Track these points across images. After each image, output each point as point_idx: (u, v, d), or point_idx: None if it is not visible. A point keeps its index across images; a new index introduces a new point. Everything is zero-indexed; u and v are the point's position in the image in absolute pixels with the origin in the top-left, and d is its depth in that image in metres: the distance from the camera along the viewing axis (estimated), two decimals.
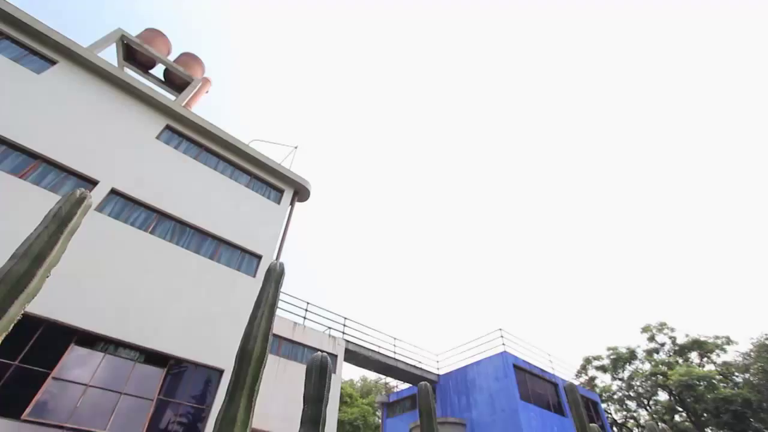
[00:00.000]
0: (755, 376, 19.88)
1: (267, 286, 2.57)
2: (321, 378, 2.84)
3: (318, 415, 2.63)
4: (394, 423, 18.80)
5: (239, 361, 2.13)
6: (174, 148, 11.83)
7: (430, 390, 3.79)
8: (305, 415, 2.64)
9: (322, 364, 2.92)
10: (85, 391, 7.81)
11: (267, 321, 2.34)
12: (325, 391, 2.80)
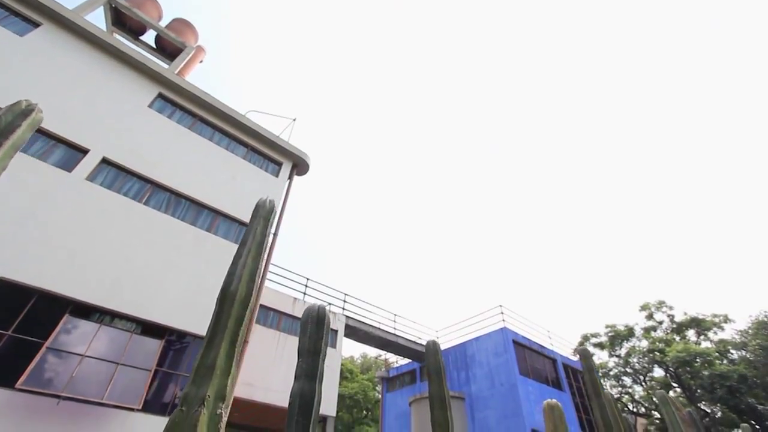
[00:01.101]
0: (752, 353, 19.98)
1: (254, 222, 2.27)
2: (318, 329, 2.59)
3: (314, 369, 2.38)
4: (394, 397, 18.98)
5: (220, 302, 1.86)
6: (167, 117, 11.37)
7: (439, 348, 3.54)
8: (300, 369, 2.39)
9: (319, 314, 2.66)
10: (81, 361, 7.65)
11: (254, 260, 2.05)
12: (322, 343, 2.54)
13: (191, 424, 1.37)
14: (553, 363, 17.85)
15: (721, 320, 22.71)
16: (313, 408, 2.18)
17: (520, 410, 14.15)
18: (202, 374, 1.55)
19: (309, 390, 2.27)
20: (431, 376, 3.30)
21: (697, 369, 20.82)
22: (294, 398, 2.23)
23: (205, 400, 1.44)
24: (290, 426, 2.08)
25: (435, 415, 2.99)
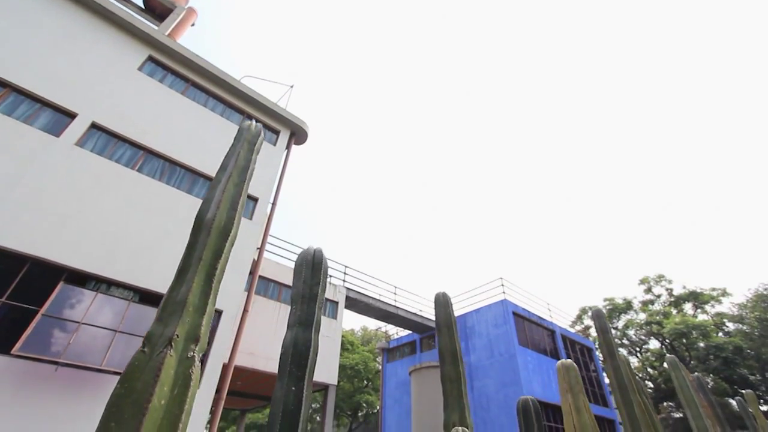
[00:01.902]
0: (749, 325, 20.11)
1: (237, 146, 1.96)
2: (314, 274, 2.32)
3: (310, 317, 2.12)
4: (394, 367, 19.20)
5: (194, 232, 1.57)
6: (159, 81, 10.83)
7: (449, 300, 3.30)
8: (293, 317, 2.13)
9: (315, 257, 2.38)
10: (78, 328, 7.50)
11: (236, 187, 1.76)
12: (319, 289, 2.28)
13: (154, 368, 1.11)
14: (551, 334, 17.94)
15: (719, 294, 22.76)
16: (309, 358, 1.94)
17: (519, 379, 14.27)
18: (170, 311, 1.28)
19: (304, 339, 2.02)
20: (441, 329, 3.07)
21: (693, 341, 21.01)
22: (287, 348, 1.98)
23: (172, 340, 1.18)
24: (282, 378, 1.84)
25: (446, 369, 2.79)
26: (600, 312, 4.04)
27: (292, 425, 1.62)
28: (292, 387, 1.78)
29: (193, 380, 1.19)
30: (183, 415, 1.12)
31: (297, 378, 1.82)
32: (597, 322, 4.00)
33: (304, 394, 1.76)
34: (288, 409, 1.68)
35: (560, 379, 3.52)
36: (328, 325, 13.89)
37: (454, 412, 2.55)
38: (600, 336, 3.87)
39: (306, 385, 1.82)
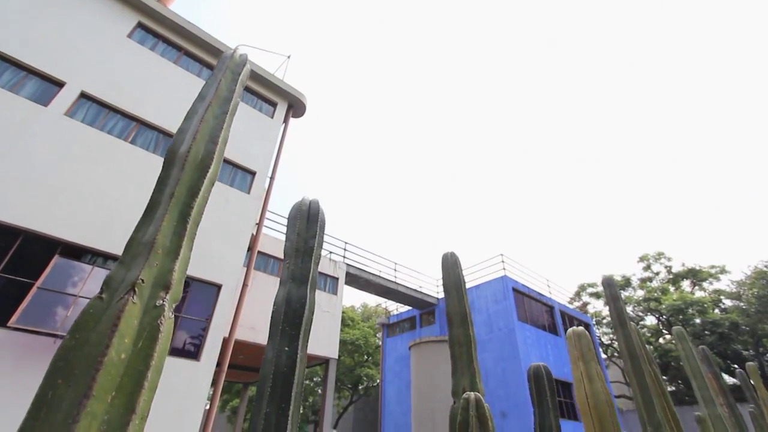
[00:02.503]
0: (746, 302, 20.21)
1: (218, 74, 1.71)
2: (309, 226, 2.11)
3: (305, 272, 1.93)
4: (394, 342, 19.40)
5: (165, 165, 1.36)
6: (150, 49, 10.36)
7: (458, 260, 3.11)
8: (286, 272, 1.93)
9: (311, 208, 2.17)
10: (75, 301, 7.41)
11: (217, 119, 1.53)
12: (315, 243, 2.08)
13: (112, 316, 0.91)
14: (550, 310, 18.03)
15: (718, 271, 22.79)
16: (304, 316, 1.75)
17: (517, 353, 14.39)
18: (135, 253, 1.07)
19: (298, 296, 1.83)
20: (449, 291, 2.89)
21: (690, 317, 21.17)
22: (279, 306, 1.79)
23: (136, 285, 0.98)
24: (273, 338, 1.66)
25: (454, 333, 2.63)
26: (611, 280, 3.88)
27: (285, 389, 1.46)
28: (284, 347, 1.60)
29: (162, 333, 1.00)
30: (150, 371, 0.93)
31: (290, 337, 1.64)
32: (608, 290, 3.84)
33: (298, 355, 1.58)
34: (280, 371, 1.50)
35: (571, 347, 3.39)
36: (328, 301, 13.88)
37: (464, 378, 2.40)
38: (611, 304, 3.72)
39: (300, 345, 1.64)
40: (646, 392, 3.15)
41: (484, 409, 1.82)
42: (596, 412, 2.95)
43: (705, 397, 4.33)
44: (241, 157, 10.70)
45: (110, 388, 0.83)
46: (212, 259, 9.12)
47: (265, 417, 1.36)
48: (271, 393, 1.44)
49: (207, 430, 7.86)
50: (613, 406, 2.99)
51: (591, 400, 3.03)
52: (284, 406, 1.39)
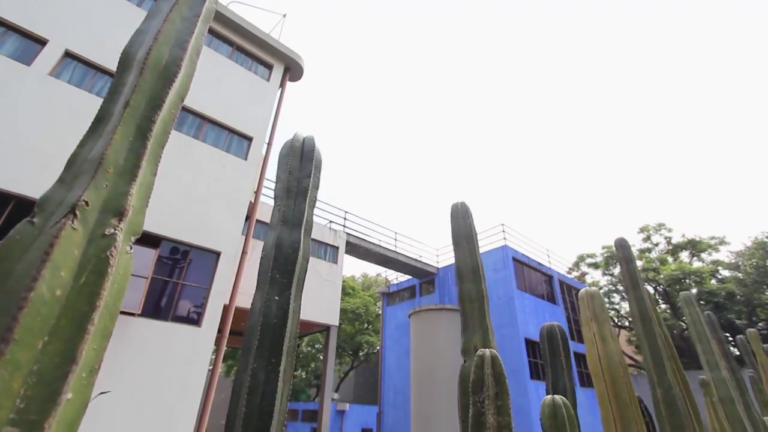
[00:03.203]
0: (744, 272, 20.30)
1: None
2: (303, 165, 1.89)
3: (298, 215, 1.72)
4: (394, 310, 19.65)
5: (118, 71, 1.10)
6: (137, 6, 9.75)
7: (468, 210, 2.91)
8: (277, 214, 1.72)
9: (305, 145, 1.94)
10: None
11: (186, 22, 1.26)
12: (310, 183, 1.86)
13: (44, 243, 0.71)
14: (549, 279, 18.11)
15: (718, 242, 22.76)
16: (297, 263, 1.55)
17: (516, 321, 14.55)
18: (78, 171, 0.85)
19: (290, 240, 1.62)
20: (459, 242, 2.69)
21: (687, 287, 21.33)
22: (267, 252, 1.59)
23: (77, 208, 0.77)
24: (262, 286, 1.47)
25: (465, 288, 2.47)
26: (624, 241, 3.71)
27: (275, 342, 1.28)
28: (274, 296, 1.41)
29: (113, 268, 0.80)
30: (96, 314, 0.74)
31: (281, 286, 1.45)
32: (621, 251, 3.68)
33: (290, 305, 1.39)
34: (269, 323, 1.32)
35: (583, 308, 3.26)
36: (329, 269, 13.86)
37: (476, 335, 2.26)
38: (623, 266, 3.57)
39: (293, 294, 1.45)
40: (658, 354, 3.04)
41: (500, 366, 1.68)
42: (609, 373, 2.86)
43: (710, 361, 4.28)
44: (237, 122, 10.31)
45: (40, 332, 0.64)
46: (210, 227, 8.96)
47: (252, 373, 1.19)
48: (259, 347, 1.25)
49: (210, 393, 7.97)
50: (626, 367, 2.90)
51: (604, 361, 2.92)
52: (274, 362, 1.21)
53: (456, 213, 2.77)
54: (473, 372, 1.66)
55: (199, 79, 10.07)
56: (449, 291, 17.39)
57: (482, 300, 2.43)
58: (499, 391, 1.60)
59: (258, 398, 1.15)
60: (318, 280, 13.39)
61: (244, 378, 1.18)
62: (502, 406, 1.58)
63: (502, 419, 1.53)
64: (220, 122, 10.06)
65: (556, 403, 1.95)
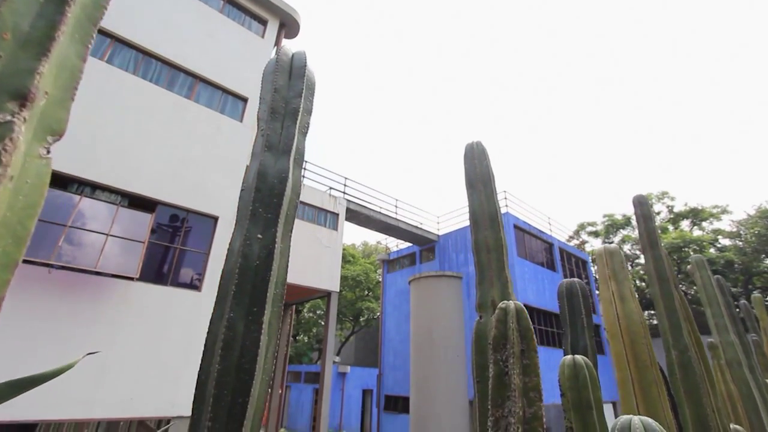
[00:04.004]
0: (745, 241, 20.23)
1: None
2: (293, 83, 1.60)
3: (288, 141, 1.43)
4: (394, 277, 19.77)
5: None
6: None
7: (484, 150, 2.64)
8: (259, 141, 1.43)
9: (294, 60, 1.63)
10: (64, 231, 7.11)
11: None
12: (300, 104, 1.57)
13: None
14: (549, 247, 18.07)
15: (720, 211, 22.56)
16: (285, 195, 1.29)
17: (515, 288, 14.60)
18: None
19: (276, 170, 1.35)
20: (475, 185, 2.42)
21: (685, 255, 21.35)
22: (248, 183, 1.33)
23: None
24: (241, 222, 1.23)
25: (481, 236, 2.22)
26: (643, 198, 3.47)
27: (257, 288, 1.05)
28: (257, 234, 1.18)
29: (8, 169, 0.56)
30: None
31: (266, 222, 1.21)
32: (639, 208, 3.45)
33: (277, 245, 1.15)
34: (250, 265, 1.07)
35: (601, 265, 3.07)
36: (329, 236, 13.74)
37: (494, 288, 2.06)
38: (641, 224, 3.35)
39: (281, 233, 1.21)
40: (675, 315, 2.89)
41: (527, 321, 1.48)
42: (628, 334, 2.70)
43: (719, 324, 4.18)
44: (231, 82, 9.80)
45: None
46: (207, 191, 8.71)
47: (229, 324, 0.98)
48: (237, 293, 1.05)
49: None
50: (647, 328, 2.75)
51: (623, 321, 2.77)
52: (256, 311, 1.02)
53: (471, 153, 2.48)
54: (494, 327, 1.46)
55: (190, 34, 9.49)
56: (449, 258, 17.39)
57: (501, 249, 2.20)
58: (525, 348, 1.41)
59: (235, 354, 0.94)
60: (318, 246, 13.30)
61: (218, 330, 0.97)
62: (529, 366, 1.39)
63: (529, 380, 1.35)
64: (213, 81, 9.56)
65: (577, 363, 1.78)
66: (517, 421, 1.20)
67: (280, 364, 15.05)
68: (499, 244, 2.18)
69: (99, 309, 7.17)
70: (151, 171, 8.22)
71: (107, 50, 8.32)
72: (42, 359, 6.24)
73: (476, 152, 2.48)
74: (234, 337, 0.95)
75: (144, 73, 8.74)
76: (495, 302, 1.97)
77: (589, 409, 1.63)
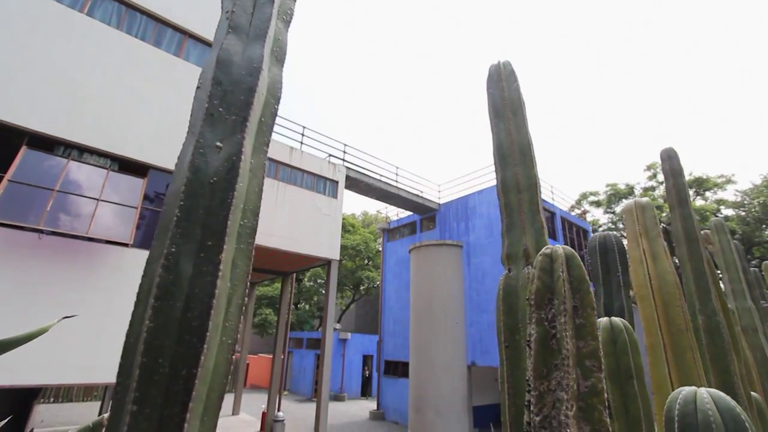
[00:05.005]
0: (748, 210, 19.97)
1: None
2: None
3: (262, 24, 1.05)
4: (394, 246, 19.67)
5: None
6: None
7: (512, 70, 2.26)
8: (225, 23, 1.06)
9: None
10: (52, 195, 6.81)
11: None
12: None
13: None
14: (551, 216, 17.83)
15: (724, 181, 22.17)
16: (256, 93, 0.88)
17: None
18: None
19: (245, 58, 0.87)
20: (502, 112, 1.99)
21: None
22: (206, 75, 0.97)
23: None
24: (194, 128, 0.86)
25: (509, 174, 1.82)
26: (672, 151, 3.15)
27: (212, 212, 0.69)
28: (215, 142, 0.86)
29: None
30: None
31: (228, 126, 0.84)
32: (668, 162, 3.14)
33: (244, 158, 0.82)
34: (203, 181, 0.78)
35: (630, 221, 2.78)
36: (328, 204, 13.47)
37: (526, 234, 1.76)
38: (670, 180, 3.05)
39: (251, 144, 0.83)
40: (703, 278, 2.65)
41: (581, 269, 1.18)
42: (661, 295, 2.46)
43: (736, 289, 3.98)
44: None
45: None
46: None
47: (168, 263, 0.68)
48: (183, 221, 0.73)
49: None
50: (681, 288, 2.51)
51: (655, 281, 2.52)
52: (211, 247, 0.71)
53: (497, 75, 2.06)
54: (537, 278, 1.18)
55: None
56: (450, 227, 17.19)
57: (534, 189, 1.87)
58: (579, 303, 1.13)
59: (178, 306, 0.64)
60: (318, 214, 13.05)
61: (154, 270, 0.69)
62: (584, 326, 1.10)
63: (584, 344, 1.07)
64: (203, 38, 8.95)
65: (615, 326, 1.54)
66: (571, 397, 0.95)
67: (282, 331, 15.21)
68: (533, 182, 1.85)
69: (94, 275, 7.00)
70: (141, 134, 7.82)
71: (86, 2, 7.70)
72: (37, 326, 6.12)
73: (504, 73, 2.07)
74: (175, 281, 0.66)
75: (128, 28, 8.14)
76: (528, 251, 1.68)
77: (629, 378, 1.41)
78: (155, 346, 0.54)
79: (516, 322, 1.56)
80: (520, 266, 1.72)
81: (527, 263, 1.68)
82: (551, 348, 1.06)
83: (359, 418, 17.31)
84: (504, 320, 1.58)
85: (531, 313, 1.12)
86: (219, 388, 0.58)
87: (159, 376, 0.52)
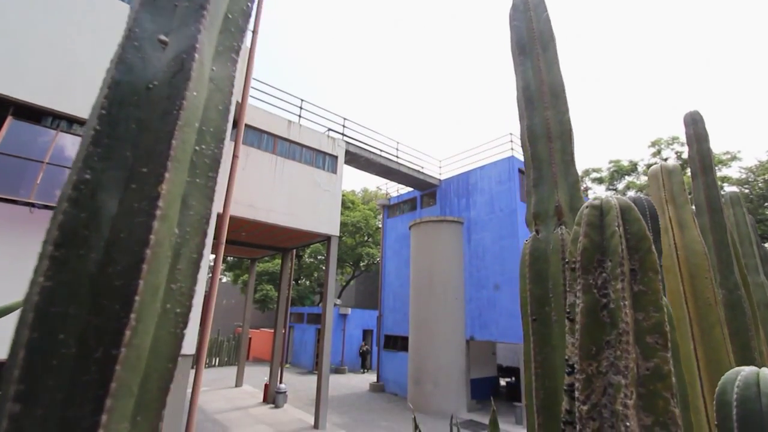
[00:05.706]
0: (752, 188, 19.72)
1: None
2: None
3: None
4: (395, 222, 19.54)
5: None
6: None
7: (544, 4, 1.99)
8: None
9: None
10: (43, 168, 6.59)
11: None
12: None
13: None
14: None
15: (729, 158, 21.81)
16: None
17: (516, 232, 14.36)
18: None
19: None
20: (530, 49, 1.63)
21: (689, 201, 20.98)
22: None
23: None
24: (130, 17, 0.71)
25: (539, 119, 1.50)
26: (697, 115, 2.92)
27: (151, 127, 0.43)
28: (157, 35, 0.63)
29: None
30: None
31: (178, 15, 0.57)
32: (692, 127, 2.91)
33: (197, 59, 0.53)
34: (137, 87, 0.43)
35: (656, 187, 2.59)
36: (328, 179, 13.24)
37: (559, 189, 1.55)
38: (694, 146, 2.84)
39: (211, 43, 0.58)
40: (726, 250, 2.50)
41: (640, 224, 0.98)
42: (687, 266, 2.31)
43: (749, 264, 3.84)
44: None
45: None
46: None
47: (79, 192, 0.46)
48: (103, 135, 0.52)
49: (210, 298, 7.87)
50: (710, 260, 2.36)
51: (681, 252, 2.36)
52: (147, 174, 0.48)
53: (523, 5, 1.75)
54: (584, 236, 0.95)
55: None
56: (450, 203, 17.00)
57: (568, 137, 1.62)
58: (638, 266, 0.89)
59: (91, 256, 0.43)
60: (317, 190, 12.84)
61: (57, 210, 0.47)
62: (645, 294, 0.86)
63: (645, 316, 0.83)
64: None
65: None
66: (631, 382, 0.78)
67: (283, 306, 15.29)
68: (567, 128, 1.61)
69: None
70: None
71: None
72: None
73: (531, 4, 1.76)
74: (89, 222, 0.44)
75: None
76: (561, 209, 1.48)
77: None
78: (53, 315, 0.35)
79: (546, 292, 1.38)
80: (551, 227, 1.53)
81: (560, 223, 1.48)
82: (602, 321, 0.86)
83: (359, 390, 17.69)
84: (531, 289, 1.40)
85: (575, 279, 0.93)
86: (161, 376, 0.40)
87: (59, 359, 0.34)
